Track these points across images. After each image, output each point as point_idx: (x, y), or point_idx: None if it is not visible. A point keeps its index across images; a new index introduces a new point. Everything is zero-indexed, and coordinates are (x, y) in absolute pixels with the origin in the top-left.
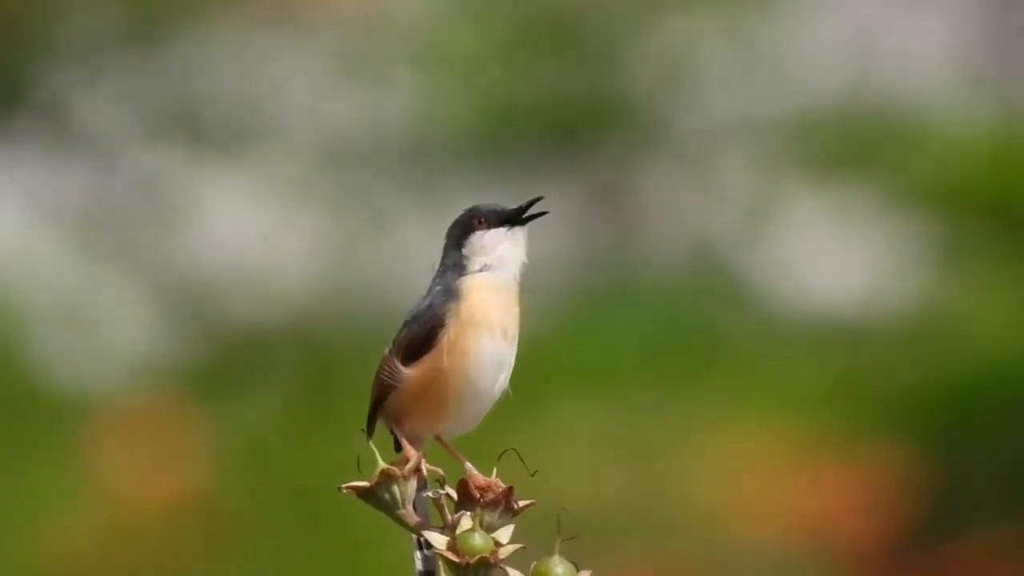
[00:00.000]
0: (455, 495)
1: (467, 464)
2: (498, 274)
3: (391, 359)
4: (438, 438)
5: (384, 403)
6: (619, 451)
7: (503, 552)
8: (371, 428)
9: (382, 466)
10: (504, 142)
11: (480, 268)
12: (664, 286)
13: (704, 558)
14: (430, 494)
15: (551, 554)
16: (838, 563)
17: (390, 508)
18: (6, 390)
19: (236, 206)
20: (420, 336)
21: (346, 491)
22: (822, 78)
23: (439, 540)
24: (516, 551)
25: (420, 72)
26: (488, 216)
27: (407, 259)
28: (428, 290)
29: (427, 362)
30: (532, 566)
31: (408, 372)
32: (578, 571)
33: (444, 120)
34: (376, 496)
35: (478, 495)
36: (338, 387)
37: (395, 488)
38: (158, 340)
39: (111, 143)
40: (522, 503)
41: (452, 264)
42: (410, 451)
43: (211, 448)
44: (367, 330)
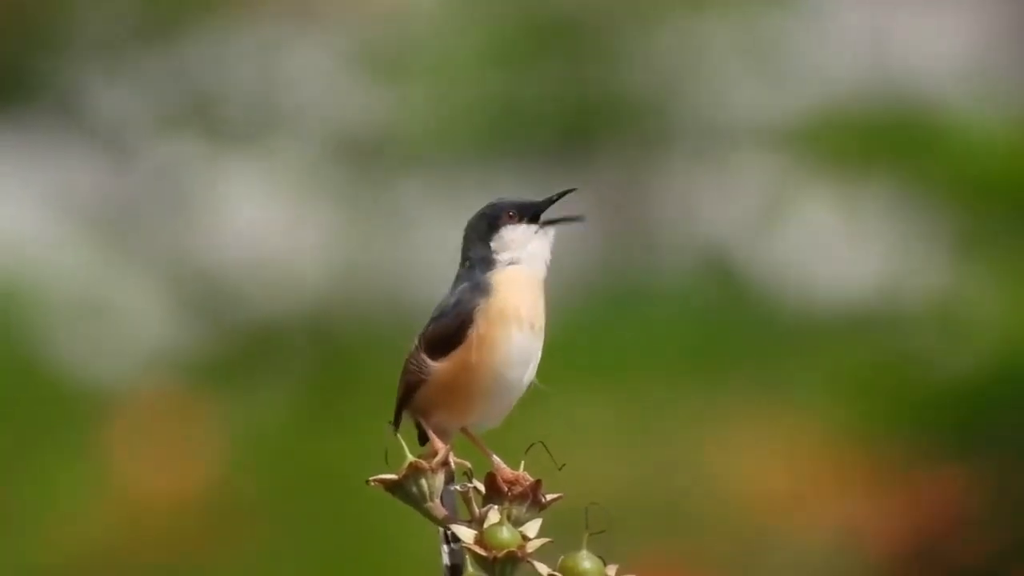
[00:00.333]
0: (483, 488)
1: (495, 457)
2: (528, 268)
3: (418, 353)
4: (465, 431)
5: (412, 397)
6: (641, 445)
7: (531, 546)
8: (398, 421)
9: (410, 459)
10: (516, 142)
11: (510, 262)
12: (679, 284)
13: (726, 551)
14: (458, 487)
15: (579, 548)
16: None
17: (418, 501)
18: (22, 382)
19: (252, 199)
20: (449, 330)
21: (374, 484)
22: (837, 75)
23: (467, 534)
24: (544, 545)
25: (433, 70)
26: (518, 209)
27: (422, 252)
28: (453, 285)
29: (456, 356)
30: (560, 560)
31: (436, 366)
32: (606, 566)
33: (457, 118)
34: (404, 489)
35: (506, 489)
36: (353, 379)
37: (423, 481)
38: (174, 332)
39: (128, 136)
40: (550, 497)
41: (480, 258)
42: (438, 444)
43: (226, 440)
44: (382, 323)
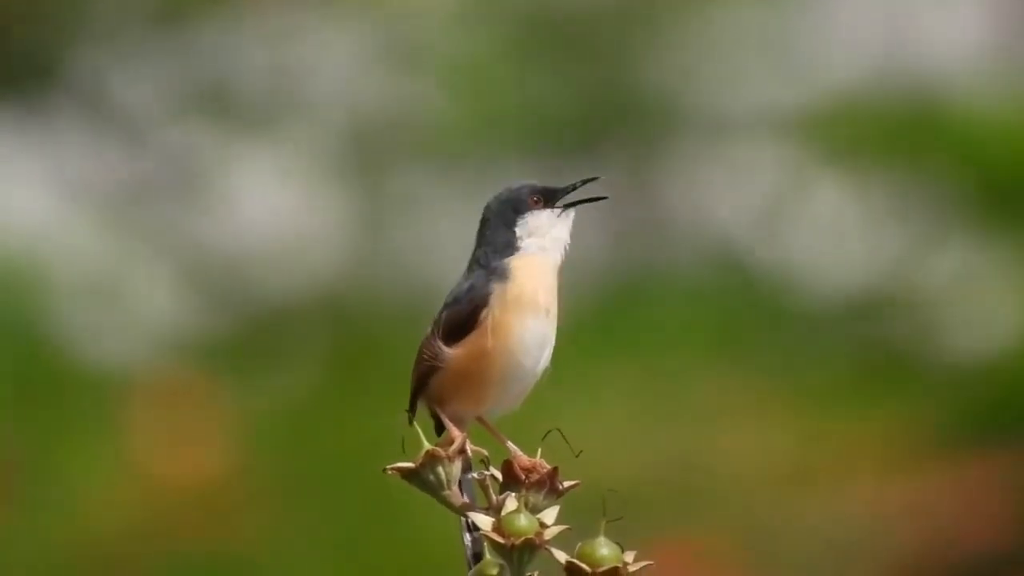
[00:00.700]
0: (500, 476)
1: (511, 445)
2: (548, 254)
3: (433, 340)
4: (481, 419)
5: (427, 385)
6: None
7: (548, 533)
8: (413, 409)
9: (427, 447)
10: (528, 133)
11: (533, 248)
12: (691, 274)
13: (742, 536)
14: (475, 475)
15: (596, 535)
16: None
17: (435, 489)
18: (39, 366)
19: (266, 183)
20: (463, 316)
21: (391, 472)
22: (847, 65)
23: (484, 521)
24: (561, 532)
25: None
26: (542, 195)
27: (434, 237)
28: (468, 268)
29: (471, 342)
30: (577, 547)
31: (451, 352)
32: (623, 552)
33: (469, 109)
34: (421, 477)
35: (523, 476)
36: (367, 363)
37: (440, 469)
38: (189, 317)
39: (142, 121)
40: (567, 484)
41: (505, 243)
42: (455, 432)
43: (242, 423)
44: (395, 306)
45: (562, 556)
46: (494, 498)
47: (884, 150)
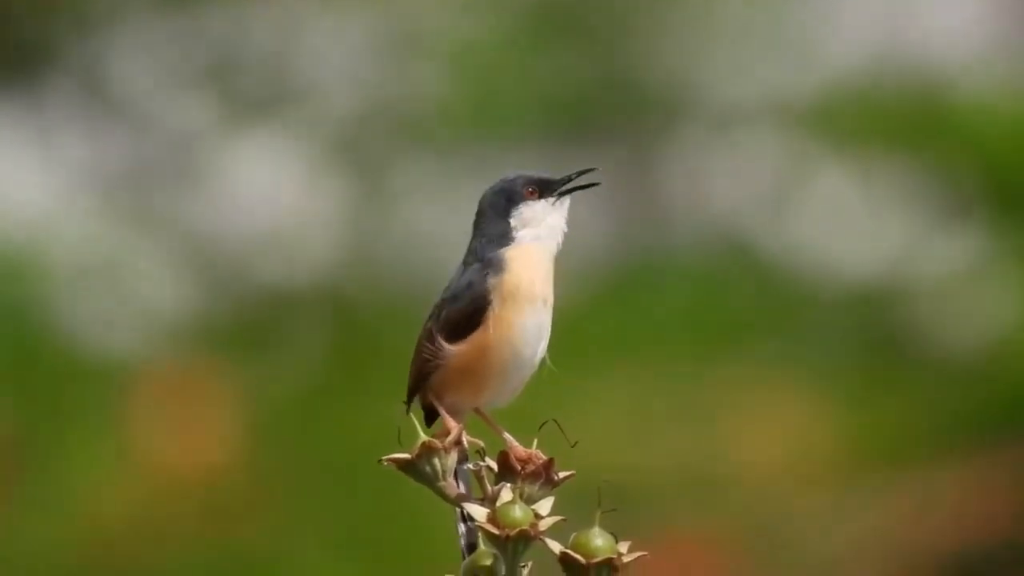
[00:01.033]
0: (495, 467)
1: (507, 436)
2: (545, 244)
3: (434, 338)
4: (478, 410)
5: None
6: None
7: (543, 524)
8: (411, 403)
9: (423, 438)
10: (531, 119)
11: (529, 238)
12: (694, 261)
13: (745, 526)
14: (470, 466)
15: (591, 526)
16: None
17: (431, 480)
18: (41, 355)
19: (269, 170)
20: (465, 314)
21: (387, 463)
22: (851, 55)
23: (479, 512)
24: (556, 523)
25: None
26: (537, 185)
27: (435, 223)
28: (464, 259)
29: (473, 339)
30: (572, 538)
31: (453, 350)
32: (618, 542)
33: (472, 96)
34: (417, 468)
35: (519, 467)
36: (370, 350)
37: (436, 460)
38: (189, 303)
39: (143, 106)
40: (562, 475)
41: (499, 233)
42: (451, 423)
43: (245, 411)
44: (397, 294)
45: (557, 547)
46: (489, 489)
47: (888, 139)
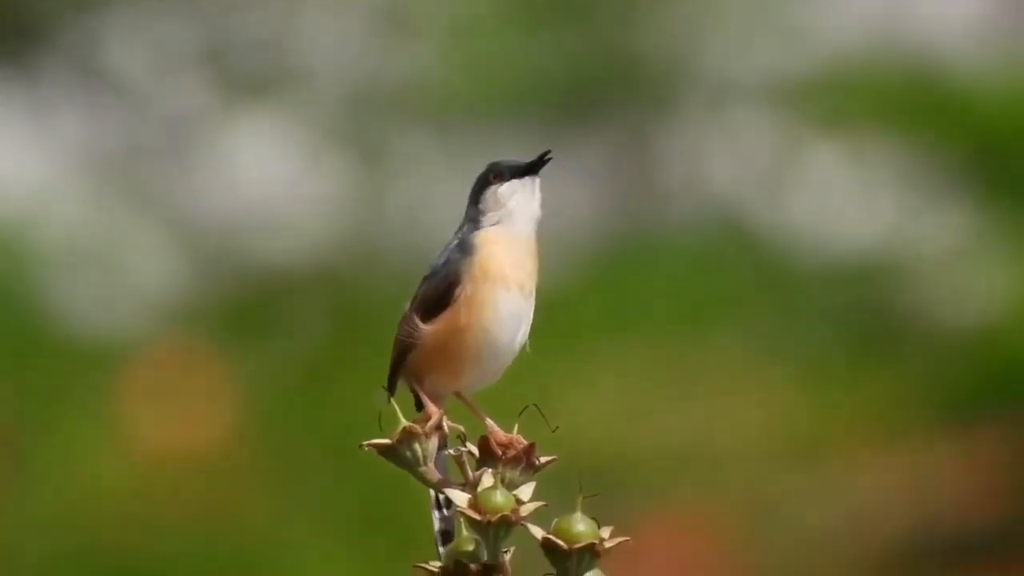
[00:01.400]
0: (476, 452)
1: (488, 421)
2: (510, 227)
3: (410, 317)
4: (459, 395)
5: (405, 361)
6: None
7: (524, 510)
8: (392, 386)
9: (403, 423)
10: (528, 98)
11: (494, 222)
12: (690, 240)
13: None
14: (451, 451)
15: (573, 511)
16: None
17: (411, 465)
18: (33, 337)
19: (264, 150)
20: (437, 293)
21: (367, 448)
22: (847, 33)
23: (460, 497)
24: (537, 509)
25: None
26: (502, 171)
27: (432, 206)
28: (446, 245)
29: (445, 318)
30: (553, 523)
31: (427, 329)
32: (600, 528)
33: (469, 75)
34: (397, 453)
35: (500, 452)
36: (364, 332)
37: (416, 445)
38: (186, 284)
39: (138, 86)
40: (544, 459)
41: (471, 219)
42: (431, 408)
43: (239, 393)
44: (392, 275)
45: (539, 532)
46: (471, 474)
47: (882, 117)
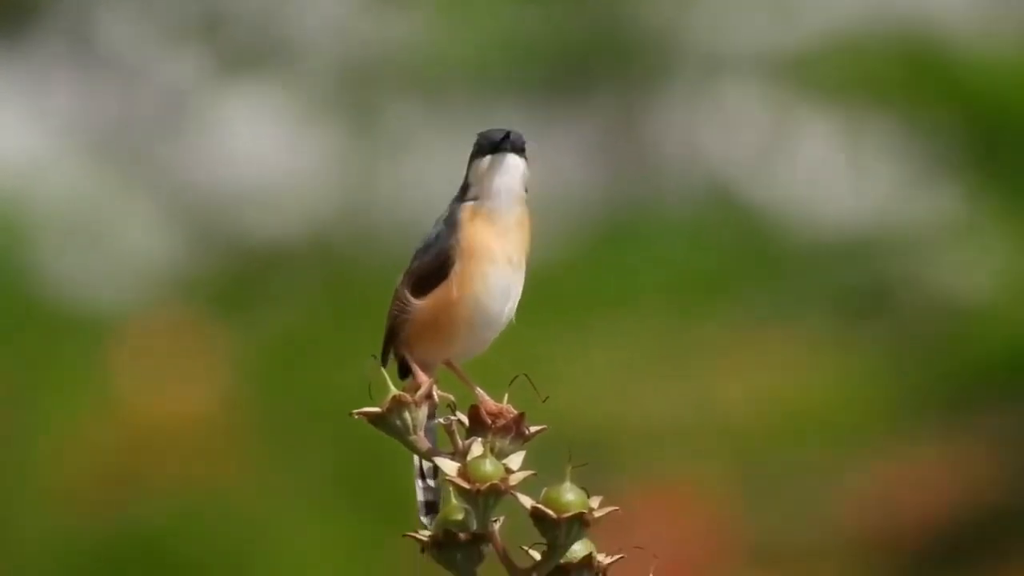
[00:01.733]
0: (466, 421)
1: (478, 390)
2: (489, 201)
3: (402, 291)
4: (449, 364)
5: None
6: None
7: (514, 479)
8: (385, 357)
9: (393, 392)
10: (520, 71)
11: (474, 196)
12: (683, 213)
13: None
14: (441, 421)
15: (562, 481)
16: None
17: (401, 434)
18: (27, 308)
19: (258, 122)
20: (429, 268)
21: (357, 416)
22: (841, 7)
23: (450, 466)
24: (527, 478)
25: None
26: (482, 144)
27: (426, 177)
28: (439, 217)
29: (437, 293)
30: (543, 493)
31: (419, 303)
32: (589, 497)
33: (462, 47)
34: (387, 422)
35: (489, 421)
36: (357, 302)
37: (406, 414)
38: (178, 256)
39: (132, 58)
40: (533, 429)
41: (459, 195)
42: (421, 377)
43: (230, 363)
44: (386, 246)
45: (528, 501)
46: (460, 443)
47: (877, 92)
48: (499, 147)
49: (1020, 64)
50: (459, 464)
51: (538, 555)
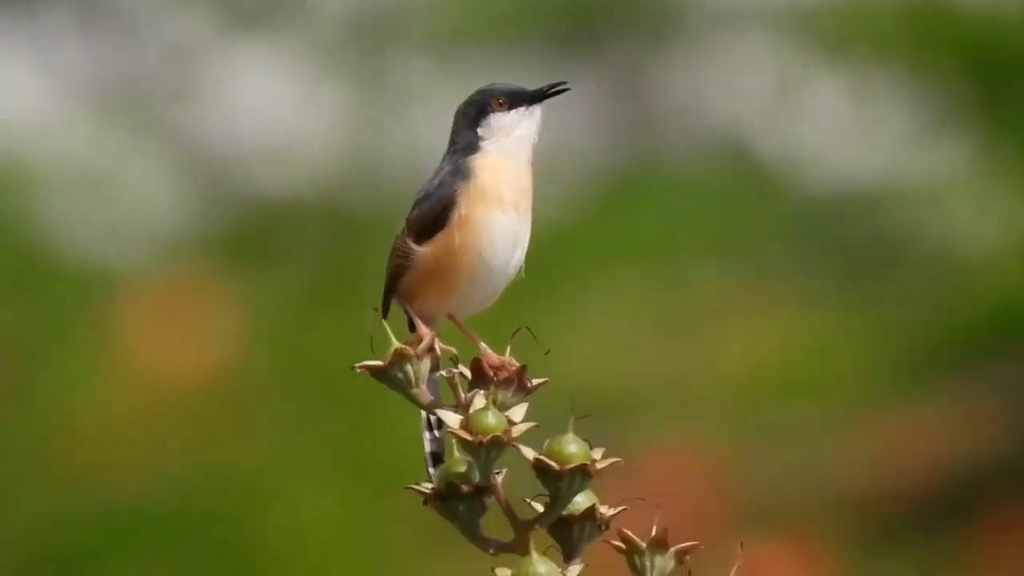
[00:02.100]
0: (469, 374)
1: (480, 343)
2: (511, 153)
3: (403, 238)
4: (451, 317)
5: (398, 283)
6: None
7: (516, 431)
8: (386, 309)
9: (395, 345)
10: (526, 27)
11: (494, 148)
12: (691, 169)
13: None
14: (443, 373)
15: (565, 432)
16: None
17: (404, 387)
18: (33, 266)
19: (265, 79)
20: (432, 213)
21: (360, 370)
22: None
23: (453, 419)
24: (529, 430)
25: None
26: (507, 97)
27: (433, 134)
28: (437, 169)
29: (439, 239)
30: (545, 444)
31: (421, 250)
32: (591, 449)
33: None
34: (389, 375)
35: (492, 374)
36: (364, 260)
37: (408, 367)
38: (185, 213)
39: (138, 15)
40: (535, 381)
41: (467, 144)
42: (423, 330)
43: (238, 321)
44: (394, 203)
45: (530, 453)
46: (463, 396)
47: (884, 45)
48: (533, 102)
49: None
50: (462, 416)
51: (541, 507)
